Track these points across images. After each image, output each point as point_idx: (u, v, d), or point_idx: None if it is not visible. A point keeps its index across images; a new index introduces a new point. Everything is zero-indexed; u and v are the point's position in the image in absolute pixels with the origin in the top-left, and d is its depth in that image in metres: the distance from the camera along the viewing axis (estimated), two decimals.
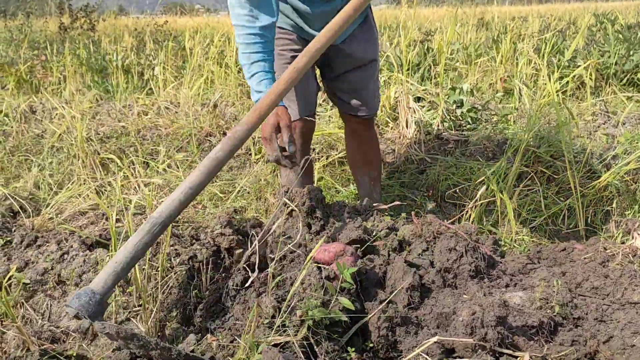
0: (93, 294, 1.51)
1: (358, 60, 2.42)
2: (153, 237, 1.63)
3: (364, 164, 2.68)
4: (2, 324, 1.88)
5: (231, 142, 1.81)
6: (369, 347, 1.73)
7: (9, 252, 2.20)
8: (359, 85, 2.47)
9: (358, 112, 2.51)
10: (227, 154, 1.81)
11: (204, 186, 1.76)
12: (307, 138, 2.57)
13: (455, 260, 2.02)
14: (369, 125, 2.62)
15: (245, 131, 1.85)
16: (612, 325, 1.76)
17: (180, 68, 6.15)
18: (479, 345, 1.59)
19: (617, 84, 4.98)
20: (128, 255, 1.59)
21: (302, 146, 2.54)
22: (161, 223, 1.64)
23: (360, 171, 2.69)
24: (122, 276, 1.59)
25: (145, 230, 1.62)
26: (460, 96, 3.78)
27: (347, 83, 2.46)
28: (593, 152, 3.17)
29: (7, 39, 8.74)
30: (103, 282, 1.54)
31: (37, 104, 4.49)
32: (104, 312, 1.55)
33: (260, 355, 1.53)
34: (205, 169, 1.75)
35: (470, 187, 2.98)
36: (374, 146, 2.69)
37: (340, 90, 2.49)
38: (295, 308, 1.64)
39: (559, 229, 2.70)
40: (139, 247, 1.60)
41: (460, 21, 9.01)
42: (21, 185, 2.92)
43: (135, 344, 1.49)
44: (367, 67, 2.45)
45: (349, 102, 2.49)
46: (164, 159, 3.36)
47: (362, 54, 2.41)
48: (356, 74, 2.45)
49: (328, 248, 1.83)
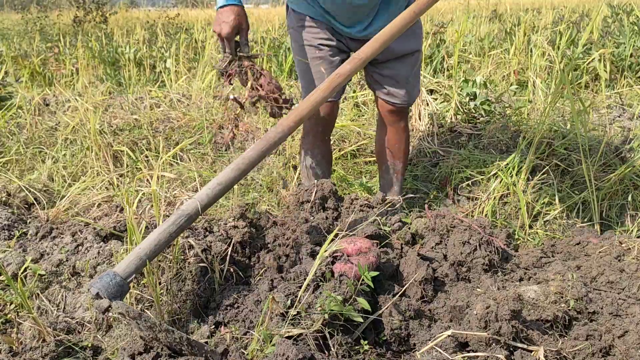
0: (115, 275, 1.56)
1: (401, 51, 2.41)
2: (179, 229, 1.68)
3: (390, 155, 2.65)
4: (18, 314, 1.90)
5: (264, 143, 1.84)
6: (382, 339, 1.73)
7: (25, 243, 2.22)
8: (399, 74, 2.45)
9: (394, 100, 2.50)
10: (259, 154, 1.84)
11: (233, 184, 1.80)
12: (329, 124, 2.55)
13: (469, 254, 2.02)
14: (402, 115, 2.59)
15: (279, 134, 1.87)
16: (628, 319, 1.74)
17: (192, 60, 6.15)
18: (493, 339, 1.59)
19: (633, 77, 4.91)
20: (152, 243, 1.64)
21: (323, 134, 2.54)
22: (187, 215, 1.69)
23: (385, 162, 2.67)
24: (144, 263, 1.63)
25: (171, 221, 1.67)
26: (474, 89, 3.75)
27: (387, 70, 2.45)
28: (608, 145, 3.14)
29: (21, 32, 8.80)
30: (125, 266, 1.59)
31: (51, 96, 4.52)
32: (125, 294, 1.59)
33: (273, 347, 1.53)
34: (236, 166, 1.79)
35: (483, 180, 2.96)
36: (404, 138, 2.64)
37: (380, 76, 2.47)
38: (312, 304, 1.64)
39: (573, 222, 2.68)
40: (162, 237, 1.65)
41: (472, 13, 8.94)
42: (35, 178, 2.94)
43: (143, 324, 1.52)
44: (409, 57, 2.45)
45: (387, 88, 2.48)
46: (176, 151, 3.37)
47: (406, 45, 2.40)
48: (397, 64, 2.44)
49: (356, 241, 1.83)
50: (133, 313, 1.51)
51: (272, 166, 3.15)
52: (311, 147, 2.57)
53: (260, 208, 2.71)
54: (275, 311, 1.66)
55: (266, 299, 1.74)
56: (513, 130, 3.41)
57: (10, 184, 2.76)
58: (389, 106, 2.53)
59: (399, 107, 2.53)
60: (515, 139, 3.31)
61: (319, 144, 2.57)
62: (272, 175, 3.06)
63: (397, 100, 2.49)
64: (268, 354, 1.53)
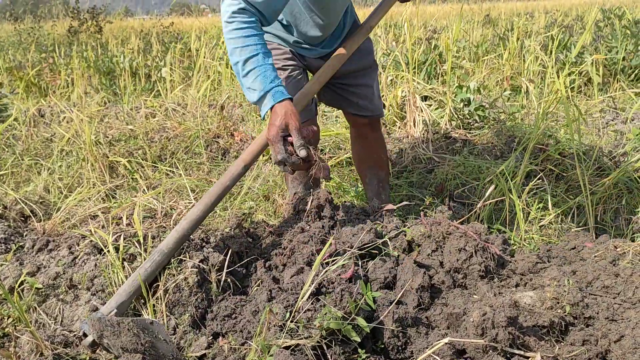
0: (103, 316, 1.70)
1: (360, 65, 2.48)
2: (156, 268, 1.91)
3: (371, 165, 2.68)
4: (15, 328, 1.89)
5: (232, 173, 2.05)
6: (380, 347, 1.73)
7: (21, 256, 2.22)
8: (364, 86, 2.51)
9: (366, 113, 2.53)
10: (223, 189, 2.04)
11: (202, 219, 2.02)
12: (316, 140, 2.57)
13: (465, 260, 2.02)
14: (376, 126, 2.63)
15: (241, 167, 2.06)
16: (624, 324, 1.75)
17: (187, 69, 6.17)
18: (490, 346, 1.59)
19: (625, 80, 4.95)
20: (132, 284, 1.86)
21: None
22: (165, 254, 1.92)
23: (369, 173, 2.70)
24: (127, 304, 1.84)
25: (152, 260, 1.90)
26: (468, 94, 3.77)
27: (352, 86, 2.50)
28: (602, 149, 3.16)
29: (16, 42, 8.80)
30: (108, 310, 1.78)
31: (46, 107, 4.52)
32: None
33: (271, 358, 1.54)
34: (203, 204, 2.00)
35: (478, 186, 2.97)
36: (382, 147, 2.70)
37: (346, 93, 2.52)
38: (311, 317, 1.65)
39: (568, 227, 2.69)
40: (145, 274, 1.88)
41: (466, 18, 8.98)
42: (31, 190, 2.94)
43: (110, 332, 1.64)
44: (369, 70, 2.52)
45: (356, 103, 2.51)
46: (172, 161, 3.38)
47: (364, 59, 2.49)
48: (359, 76, 2.50)
49: None
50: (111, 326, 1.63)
51: (268, 175, 3.16)
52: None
53: (257, 217, 2.72)
54: (273, 322, 1.66)
55: (264, 309, 1.74)
56: (507, 135, 3.43)
57: (6, 197, 2.76)
58: (364, 120, 2.57)
59: (375, 117, 2.58)
60: (509, 144, 3.33)
61: None
62: (268, 184, 3.06)
63: (369, 112, 2.54)
64: None
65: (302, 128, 1.89)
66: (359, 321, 1.64)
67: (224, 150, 3.62)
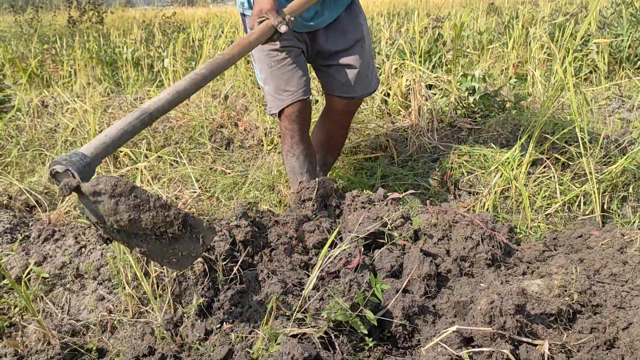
0: (84, 156, 1.45)
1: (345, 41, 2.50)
2: (141, 125, 1.67)
3: (325, 148, 2.74)
4: (22, 318, 1.90)
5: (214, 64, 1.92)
6: (387, 336, 1.73)
7: (27, 246, 2.22)
8: (351, 65, 2.52)
9: (346, 94, 2.57)
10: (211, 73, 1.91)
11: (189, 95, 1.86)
12: (304, 122, 2.55)
13: (472, 249, 2.02)
14: (354, 111, 2.70)
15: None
16: (632, 311, 1.74)
17: (189, 59, 6.14)
18: (498, 334, 1.59)
19: (631, 68, 4.91)
20: (117, 133, 1.59)
21: (300, 133, 2.54)
22: (149, 114, 1.69)
23: (319, 154, 2.74)
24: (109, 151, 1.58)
25: (135, 116, 1.66)
26: (473, 83, 3.75)
27: (335, 64, 2.53)
28: (608, 137, 3.14)
29: (17, 33, 8.77)
30: (93, 149, 1.51)
31: (49, 98, 4.52)
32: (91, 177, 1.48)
33: (279, 346, 1.53)
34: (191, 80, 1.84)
35: (484, 174, 2.96)
36: (345, 136, 2.79)
37: (332, 72, 2.54)
38: (318, 306, 1.65)
39: (575, 215, 2.68)
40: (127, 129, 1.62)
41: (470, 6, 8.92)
42: (36, 180, 2.93)
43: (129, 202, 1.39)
44: (354, 47, 2.52)
45: (341, 83, 2.55)
46: (176, 151, 3.37)
47: (349, 34, 2.50)
48: (344, 55, 2.52)
49: None
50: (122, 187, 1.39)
51: (272, 164, 3.15)
52: (291, 149, 2.54)
53: (262, 207, 2.71)
54: (279, 311, 1.66)
55: (270, 298, 1.74)
56: (513, 124, 3.41)
57: (11, 187, 2.76)
58: (344, 101, 2.60)
59: (356, 99, 2.62)
60: (515, 132, 3.31)
61: (297, 144, 2.53)
62: (273, 174, 3.05)
63: (350, 94, 2.57)
64: (273, 352, 1.53)
65: None
66: (366, 313, 1.63)
67: (228, 140, 3.61)
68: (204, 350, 1.70)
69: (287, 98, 2.41)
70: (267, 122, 3.75)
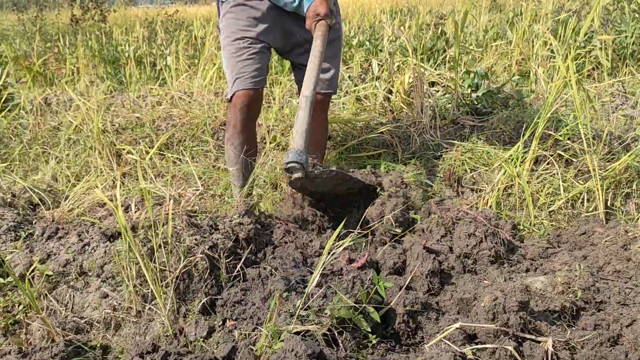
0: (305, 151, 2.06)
1: (303, 39, 2.61)
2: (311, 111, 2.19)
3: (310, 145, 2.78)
4: (26, 315, 1.90)
5: None
6: (390, 332, 1.73)
7: (31, 244, 2.22)
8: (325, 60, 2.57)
9: (321, 89, 2.62)
10: None
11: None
12: (251, 113, 2.60)
13: (475, 246, 2.02)
14: (327, 105, 2.78)
15: None
16: (635, 308, 1.74)
17: (192, 57, 6.14)
18: (501, 331, 1.59)
19: (635, 64, 4.89)
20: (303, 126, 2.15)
21: (243, 123, 2.58)
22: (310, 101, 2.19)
23: None
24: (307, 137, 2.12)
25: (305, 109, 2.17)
26: (475, 80, 3.74)
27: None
28: (612, 134, 3.13)
29: (20, 32, 8.79)
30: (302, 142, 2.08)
31: (52, 96, 4.52)
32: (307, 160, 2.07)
33: (282, 343, 1.53)
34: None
35: (487, 171, 2.95)
36: (325, 129, 2.84)
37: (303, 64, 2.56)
38: (322, 303, 1.65)
39: (578, 212, 2.67)
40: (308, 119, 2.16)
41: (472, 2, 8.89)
42: (39, 178, 2.94)
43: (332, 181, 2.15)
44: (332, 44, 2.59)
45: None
46: (179, 148, 3.38)
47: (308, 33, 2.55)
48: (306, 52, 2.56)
49: None
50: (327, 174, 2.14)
51: (275, 162, 3.15)
52: (231, 137, 2.61)
53: (265, 205, 2.71)
54: (283, 308, 1.66)
55: (274, 295, 1.74)
56: (516, 121, 3.40)
57: (15, 185, 2.76)
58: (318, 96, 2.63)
59: (328, 95, 2.71)
60: (518, 129, 3.30)
61: (239, 135, 2.60)
62: (276, 171, 3.05)
63: (325, 89, 2.66)
64: (277, 350, 1.53)
65: None
66: (370, 311, 1.63)
67: None
68: (208, 347, 1.71)
69: (237, 85, 2.50)
70: (269, 119, 3.74)
